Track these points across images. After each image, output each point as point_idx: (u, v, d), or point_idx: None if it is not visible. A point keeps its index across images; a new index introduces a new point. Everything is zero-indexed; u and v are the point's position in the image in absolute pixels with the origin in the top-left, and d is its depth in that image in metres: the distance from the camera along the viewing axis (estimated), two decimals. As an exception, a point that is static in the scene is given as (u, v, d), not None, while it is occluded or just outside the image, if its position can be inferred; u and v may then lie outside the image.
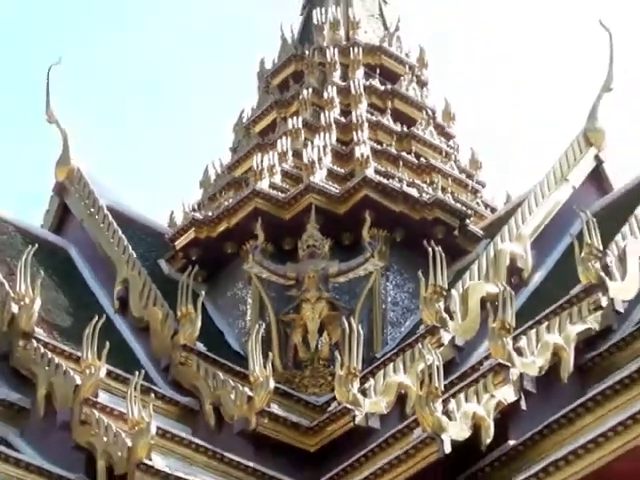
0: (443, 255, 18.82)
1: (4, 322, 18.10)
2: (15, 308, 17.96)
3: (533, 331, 16.68)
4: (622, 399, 14.81)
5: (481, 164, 24.01)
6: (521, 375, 15.98)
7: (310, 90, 23.88)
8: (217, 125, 24.64)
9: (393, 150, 22.53)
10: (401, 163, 22.25)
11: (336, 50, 24.71)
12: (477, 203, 22.68)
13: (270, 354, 18.28)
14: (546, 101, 44.52)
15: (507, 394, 15.77)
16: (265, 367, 17.71)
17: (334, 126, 22.84)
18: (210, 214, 21.35)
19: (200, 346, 18.75)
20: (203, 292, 19.70)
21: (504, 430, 15.59)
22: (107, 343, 17.00)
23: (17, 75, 45.24)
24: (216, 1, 48.79)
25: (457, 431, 15.19)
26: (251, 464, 16.86)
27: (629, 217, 18.58)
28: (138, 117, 43.52)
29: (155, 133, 43.02)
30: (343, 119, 23.22)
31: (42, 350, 17.48)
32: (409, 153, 22.77)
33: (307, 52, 24.99)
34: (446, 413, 15.23)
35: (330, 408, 17.82)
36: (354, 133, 22.61)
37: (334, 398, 17.65)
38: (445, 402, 15.36)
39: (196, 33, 48.37)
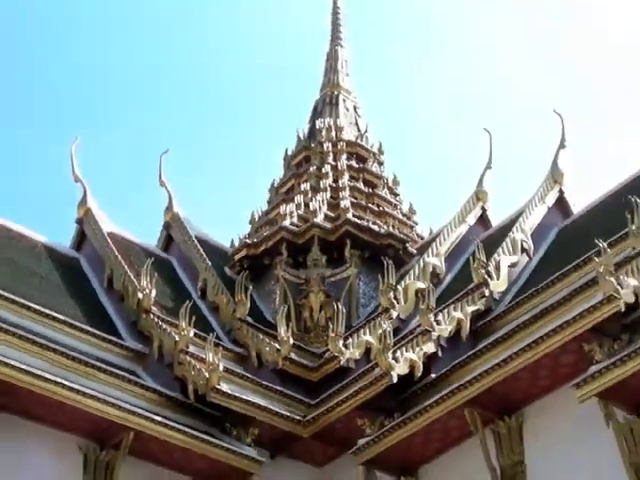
0: (392, 265, 19.00)
1: (134, 303, 18.15)
2: (140, 295, 18.05)
3: (446, 310, 16.87)
4: (497, 349, 14.99)
5: (415, 211, 23.84)
6: (438, 336, 16.19)
7: (314, 167, 23.93)
8: (262, 181, 24.54)
9: (363, 203, 22.70)
10: (368, 211, 22.46)
11: (330, 144, 24.53)
12: (413, 234, 22.77)
13: (290, 324, 18.80)
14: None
15: (430, 347, 16.00)
16: (287, 331, 18.17)
17: (328, 189, 22.95)
18: (255, 240, 21.62)
19: (249, 319, 18.95)
20: (250, 286, 19.80)
21: (428, 368, 15.85)
22: (193, 317, 17.21)
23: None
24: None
25: (400, 369, 15.44)
26: (279, 388, 17.14)
27: (502, 243, 18.59)
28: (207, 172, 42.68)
29: (219, 180, 42.52)
30: (334, 184, 23.25)
31: (156, 320, 17.65)
32: (373, 205, 22.90)
33: (312, 145, 24.86)
34: (394, 359, 15.52)
35: (326, 355, 18.27)
36: (340, 193, 22.83)
37: (328, 350, 17.94)
38: (394, 352, 15.65)
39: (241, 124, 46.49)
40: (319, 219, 21.68)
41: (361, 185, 23.73)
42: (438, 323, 16.43)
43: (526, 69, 45.40)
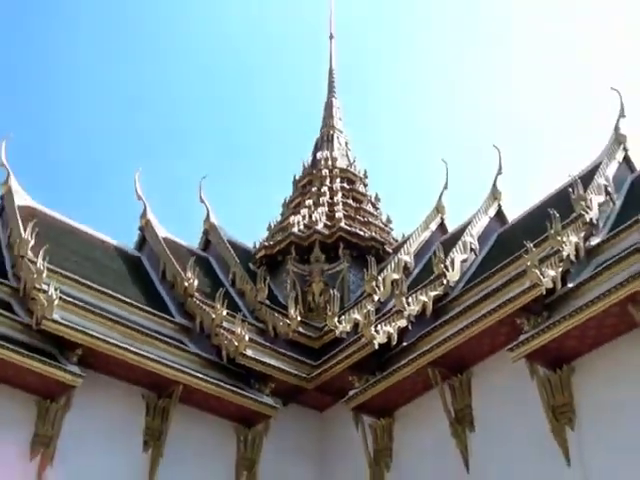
0: (374, 261, 19.11)
1: (182, 290, 18.05)
2: (186, 284, 17.97)
3: (414, 295, 16.86)
4: (453, 324, 14.86)
5: (391, 221, 23.67)
6: (408, 314, 16.23)
7: (315, 188, 23.99)
8: (277, 198, 24.46)
9: (352, 215, 22.64)
10: (356, 221, 22.43)
11: (327, 171, 24.63)
12: (390, 238, 22.62)
13: (298, 305, 18.76)
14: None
15: (402, 323, 16.04)
16: (295, 311, 18.20)
17: (326, 204, 23.01)
18: (271, 243, 21.66)
19: (267, 302, 18.89)
20: (268, 277, 19.93)
21: (401, 338, 15.82)
22: (226, 300, 17.15)
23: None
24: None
25: (380, 339, 15.49)
26: (289, 353, 17.07)
27: (456, 244, 18.64)
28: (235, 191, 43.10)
29: (244, 197, 42.28)
30: (330, 201, 23.25)
31: (198, 302, 17.62)
32: (359, 216, 22.78)
33: (314, 171, 24.83)
34: (376, 331, 15.58)
35: (325, 329, 18.16)
36: (335, 207, 22.79)
37: (326, 324, 17.94)
38: (375, 326, 15.73)
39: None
40: (319, 227, 21.76)
41: (351, 201, 23.63)
42: (408, 304, 16.48)
43: (468, 112, 46.00)
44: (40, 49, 44.78)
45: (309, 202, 23.32)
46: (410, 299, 16.68)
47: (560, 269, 13.84)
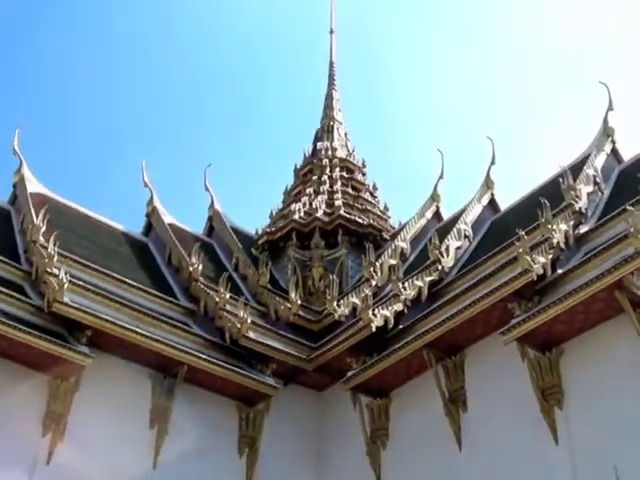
0: (372, 248, 19.26)
1: (187, 274, 18.04)
2: (191, 268, 17.95)
3: (410, 280, 16.76)
4: (447, 308, 14.88)
5: (389, 209, 23.62)
6: (405, 299, 16.14)
7: (316, 177, 23.97)
8: (278, 187, 24.46)
9: (351, 203, 22.63)
10: (355, 209, 22.44)
11: (327, 160, 24.61)
12: (387, 225, 22.52)
13: (298, 289, 18.81)
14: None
15: (399, 307, 15.97)
16: (296, 295, 18.18)
17: (326, 192, 23.02)
18: (273, 229, 21.63)
19: (268, 286, 18.86)
20: (270, 263, 19.95)
21: (397, 321, 15.79)
22: (229, 284, 17.18)
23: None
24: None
25: (378, 322, 15.50)
26: (290, 336, 17.03)
27: (450, 232, 18.61)
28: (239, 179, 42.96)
29: (247, 185, 41.98)
30: (330, 189, 23.24)
31: (202, 286, 17.58)
32: (358, 204, 22.77)
33: (315, 161, 24.76)
34: (373, 314, 15.53)
35: (324, 312, 18.19)
36: (334, 195, 22.83)
37: (326, 308, 17.95)
38: (373, 310, 15.72)
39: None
40: (319, 214, 21.75)
41: (350, 190, 23.62)
42: (405, 289, 16.43)
43: (464, 104, 45.99)
44: (52, 39, 45.12)
45: (310, 190, 23.29)
46: (406, 284, 16.63)
47: (550, 256, 13.87)
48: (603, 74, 31.83)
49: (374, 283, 18.39)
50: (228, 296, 16.92)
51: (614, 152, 18.67)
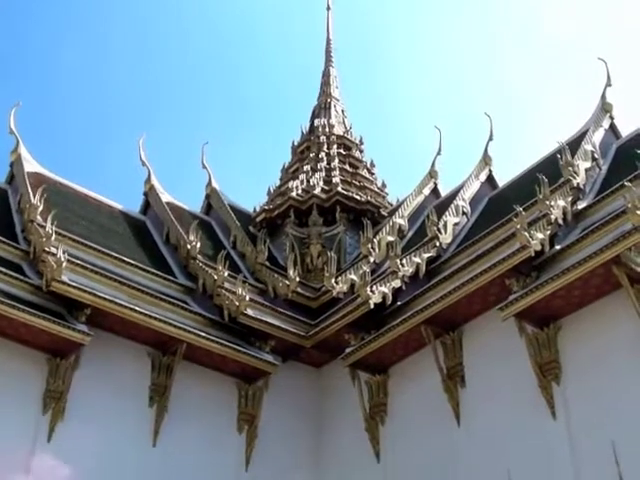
0: (370, 224, 19.28)
1: (185, 252, 18.11)
2: (189, 246, 18.00)
3: (408, 256, 16.88)
4: (445, 284, 14.93)
5: (386, 185, 23.71)
6: (403, 275, 16.20)
7: (313, 154, 24.02)
8: (276, 164, 24.48)
9: (349, 180, 22.65)
10: (352, 186, 22.50)
11: (324, 137, 24.66)
12: (385, 202, 22.71)
13: (296, 267, 18.87)
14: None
15: (397, 283, 16.02)
16: (294, 272, 18.18)
17: (324, 170, 23.06)
18: (271, 207, 21.73)
19: (267, 263, 18.88)
20: (268, 240, 20.00)
21: (395, 298, 15.80)
22: (227, 262, 17.18)
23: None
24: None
25: (376, 299, 15.51)
26: (288, 313, 17.03)
27: (448, 208, 18.70)
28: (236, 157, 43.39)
29: (245, 163, 42.01)
30: (327, 166, 23.27)
31: (200, 264, 17.60)
32: (356, 181, 22.82)
33: (312, 138, 24.84)
34: (371, 291, 15.55)
35: (322, 289, 18.21)
36: (332, 172, 22.86)
37: (324, 285, 18.05)
38: (371, 287, 15.73)
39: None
40: (317, 191, 21.78)
41: (347, 167, 23.61)
42: (402, 266, 16.47)
43: (462, 80, 45.88)
44: (48, 16, 45.54)
45: (307, 168, 23.28)
46: (404, 261, 16.67)
47: (548, 232, 13.89)
48: (602, 51, 31.81)
49: (372, 260, 18.42)
50: (226, 274, 16.88)
51: (612, 128, 18.65)
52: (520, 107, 43.76)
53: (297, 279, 18.13)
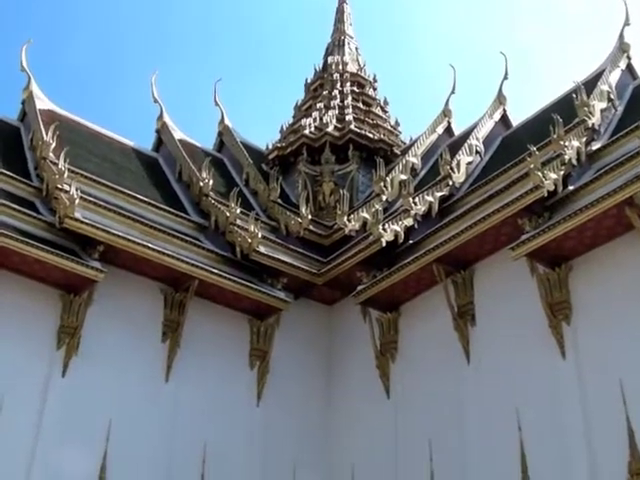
0: (383, 163, 19.10)
1: (197, 189, 18.16)
2: (201, 184, 18.02)
3: (421, 195, 16.87)
4: (457, 223, 14.90)
5: (399, 124, 23.21)
6: (415, 214, 16.16)
7: (326, 92, 23.74)
8: (289, 101, 24.14)
9: (362, 118, 22.32)
10: (365, 123, 22.19)
11: (338, 75, 24.42)
12: (398, 141, 22.26)
13: (309, 204, 18.87)
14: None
15: (409, 222, 15.99)
16: (307, 210, 18.22)
17: (337, 107, 22.80)
18: (284, 144, 21.55)
19: (279, 201, 18.92)
20: (280, 178, 20.04)
21: (407, 236, 15.78)
22: (239, 199, 17.22)
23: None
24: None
25: (388, 237, 15.51)
26: (301, 250, 17.08)
27: (462, 147, 18.52)
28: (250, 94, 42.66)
29: (258, 100, 41.78)
30: (340, 104, 22.99)
31: (213, 202, 17.58)
32: (369, 119, 22.45)
33: (325, 75, 24.56)
34: (383, 229, 15.53)
35: (334, 227, 18.19)
36: (345, 110, 22.54)
37: (336, 223, 18.03)
38: (383, 225, 15.69)
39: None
40: (330, 129, 21.57)
41: (361, 105, 23.37)
42: (415, 204, 16.45)
43: (476, 18, 45.25)
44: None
45: (320, 105, 23.10)
46: (417, 199, 16.65)
47: (562, 172, 13.78)
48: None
49: (384, 198, 18.40)
50: (239, 211, 16.94)
51: (629, 68, 18.35)
52: (536, 47, 43.24)
53: (309, 217, 18.16)
